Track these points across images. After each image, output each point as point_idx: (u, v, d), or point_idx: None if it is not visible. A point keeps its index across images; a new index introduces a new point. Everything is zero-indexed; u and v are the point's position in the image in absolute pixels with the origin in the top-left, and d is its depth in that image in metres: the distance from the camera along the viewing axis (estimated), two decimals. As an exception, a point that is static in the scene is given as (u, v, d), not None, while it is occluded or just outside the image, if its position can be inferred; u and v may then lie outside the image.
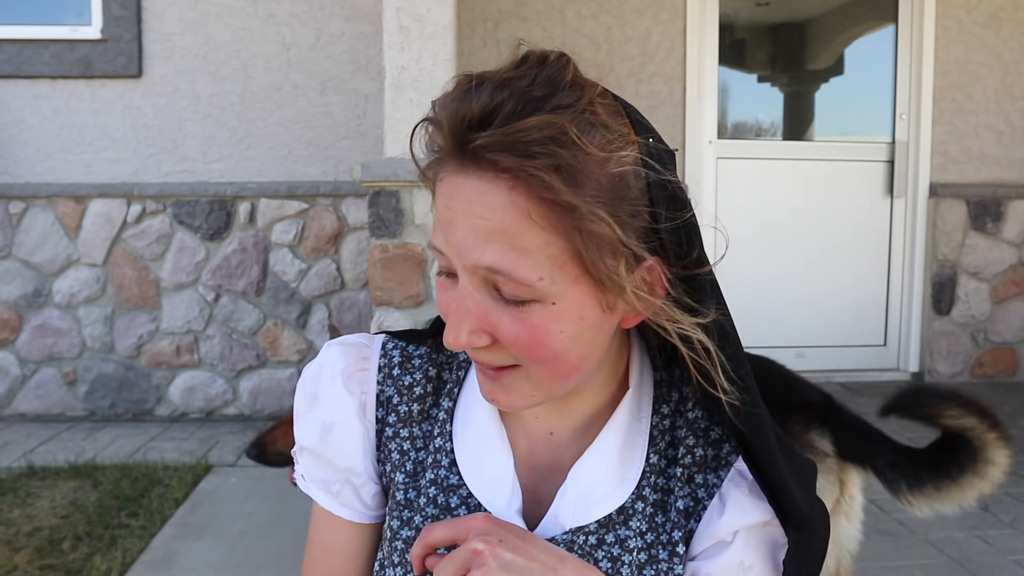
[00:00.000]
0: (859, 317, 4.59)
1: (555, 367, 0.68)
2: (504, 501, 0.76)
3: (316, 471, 0.83)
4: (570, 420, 0.78)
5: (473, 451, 0.78)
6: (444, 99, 0.66)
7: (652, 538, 0.76)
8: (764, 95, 4.85)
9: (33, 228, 3.92)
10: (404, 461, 0.80)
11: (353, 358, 0.83)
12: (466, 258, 0.65)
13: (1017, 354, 4.56)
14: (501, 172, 0.62)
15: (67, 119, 3.92)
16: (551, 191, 0.61)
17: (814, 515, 0.75)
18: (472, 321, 0.66)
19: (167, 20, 3.91)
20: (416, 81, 2.81)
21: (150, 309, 3.97)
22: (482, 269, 0.64)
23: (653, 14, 4.25)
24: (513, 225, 0.63)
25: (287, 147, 3.98)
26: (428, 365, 0.82)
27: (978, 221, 4.46)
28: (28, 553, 2.46)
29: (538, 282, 0.64)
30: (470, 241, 0.64)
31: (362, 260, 3.95)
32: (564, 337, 0.66)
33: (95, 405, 3.98)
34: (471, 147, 0.62)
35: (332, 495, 0.83)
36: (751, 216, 4.48)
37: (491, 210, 0.63)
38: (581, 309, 0.66)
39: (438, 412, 0.81)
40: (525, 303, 0.65)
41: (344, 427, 0.81)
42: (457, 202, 0.64)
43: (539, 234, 0.63)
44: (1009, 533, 2.57)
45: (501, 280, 0.64)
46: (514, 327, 0.65)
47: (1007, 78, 4.47)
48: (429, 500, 0.78)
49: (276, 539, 2.58)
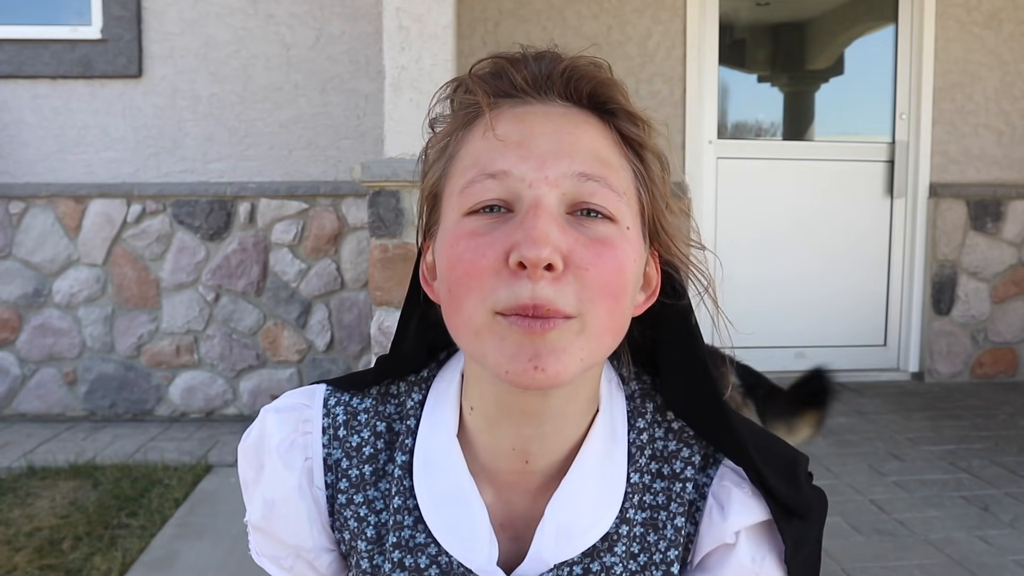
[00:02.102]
0: (859, 317, 4.59)
1: (617, 310, 0.63)
2: (484, 556, 0.71)
3: (265, 547, 0.79)
4: (549, 448, 0.71)
5: (441, 504, 0.72)
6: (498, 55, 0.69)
7: (645, 559, 0.73)
8: (764, 95, 4.85)
9: (33, 228, 3.92)
10: (364, 528, 0.74)
11: (291, 425, 0.76)
12: (552, 167, 0.62)
13: (1017, 354, 4.56)
14: (578, 101, 0.67)
15: (67, 119, 3.92)
16: (623, 118, 0.67)
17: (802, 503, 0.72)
18: (556, 234, 0.59)
19: (167, 20, 3.91)
20: (416, 81, 2.81)
21: (150, 309, 3.97)
22: (571, 177, 0.62)
23: (653, 14, 4.25)
24: (599, 142, 0.65)
25: (287, 147, 3.98)
26: (376, 420, 0.75)
27: (978, 221, 4.46)
28: (28, 553, 2.46)
29: (624, 196, 0.65)
30: (558, 149, 0.63)
31: (362, 260, 3.95)
32: (634, 268, 0.64)
33: (95, 405, 3.98)
34: (558, 70, 0.66)
35: (285, 569, 0.78)
36: (751, 216, 4.48)
37: (577, 125, 0.65)
38: (640, 247, 0.66)
39: (392, 468, 0.74)
40: (607, 221, 0.63)
41: (285, 505, 0.76)
42: (534, 123, 0.65)
43: (617, 157, 0.66)
44: (1009, 533, 2.57)
45: (593, 188, 0.62)
46: (593, 247, 0.61)
47: (1007, 78, 4.47)
48: (395, 565, 0.72)
49: (276, 539, 2.58)
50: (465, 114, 0.68)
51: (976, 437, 3.52)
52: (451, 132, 0.69)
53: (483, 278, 0.61)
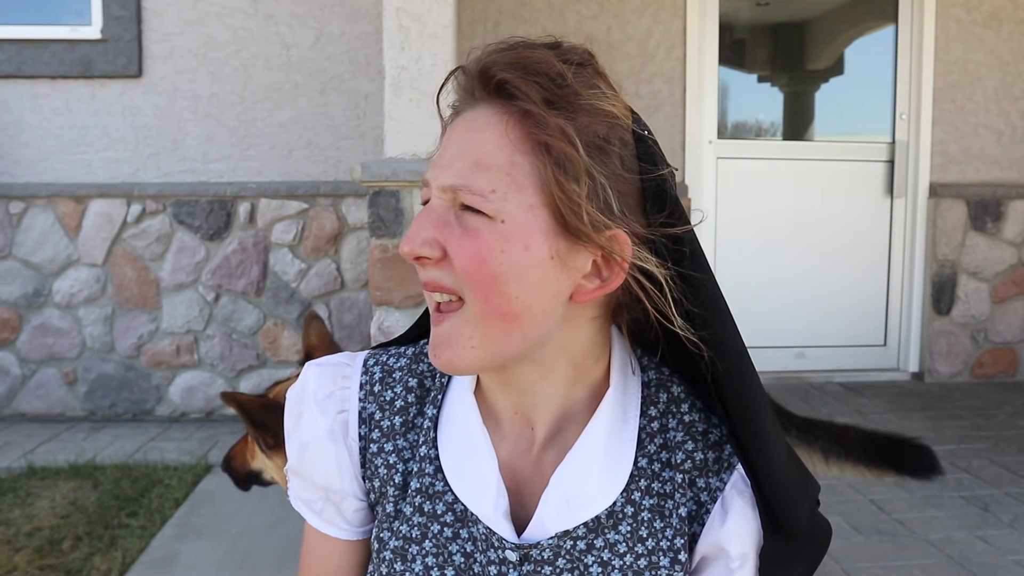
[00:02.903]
0: (859, 317, 4.59)
1: (492, 296, 0.68)
2: (490, 504, 0.76)
3: (301, 490, 0.85)
4: (544, 414, 0.76)
5: (457, 455, 0.78)
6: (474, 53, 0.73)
7: (653, 544, 0.75)
8: (764, 95, 4.85)
9: (33, 228, 3.92)
10: (392, 475, 0.80)
11: (329, 378, 0.83)
12: (439, 179, 0.70)
13: (1017, 354, 4.56)
14: (495, 95, 0.69)
15: (67, 119, 3.92)
16: (531, 105, 0.67)
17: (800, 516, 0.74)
18: (429, 230, 0.69)
19: (167, 20, 3.91)
20: (416, 81, 2.81)
21: (150, 309, 3.97)
22: (448, 188, 0.69)
23: (653, 14, 4.25)
24: (486, 144, 0.68)
25: (287, 147, 3.98)
26: (408, 376, 0.82)
27: (978, 221, 4.46)
28: (28, 553, 2.46)
29: (490, 194, 0.67)
30: (449, 161, 0.70)
31: (362, 260, 3.95)
32: (504, 259, 0.67)
33: (95, 405, 3.98)
34: (480, 67, 0.69)
35: (316, 513, 0.84)
36: (751, 216, 4.48)
37: (475, 131, 0.69)
38: (527, 238, 0.67)
39: (423, 421, 0.80)
40: (478, 217, 0.67)
41: (317, 446, 0.82)
42: (454, 132, 0.71)
43: (508, 154, 0.68)
44: (1009, 533, 2.57)
45: (462, 195, 0.68)
46: (461, 238, 0.68)
47: (1007, 78, 4.47)
48: (415, 509, 0.78)
49: (276, 539, 2.58)
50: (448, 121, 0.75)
51: (976, 437, 3.51)
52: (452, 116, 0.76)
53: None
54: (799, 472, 0.77)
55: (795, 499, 0.74)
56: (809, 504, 0.76)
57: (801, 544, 0.75)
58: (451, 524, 0.77)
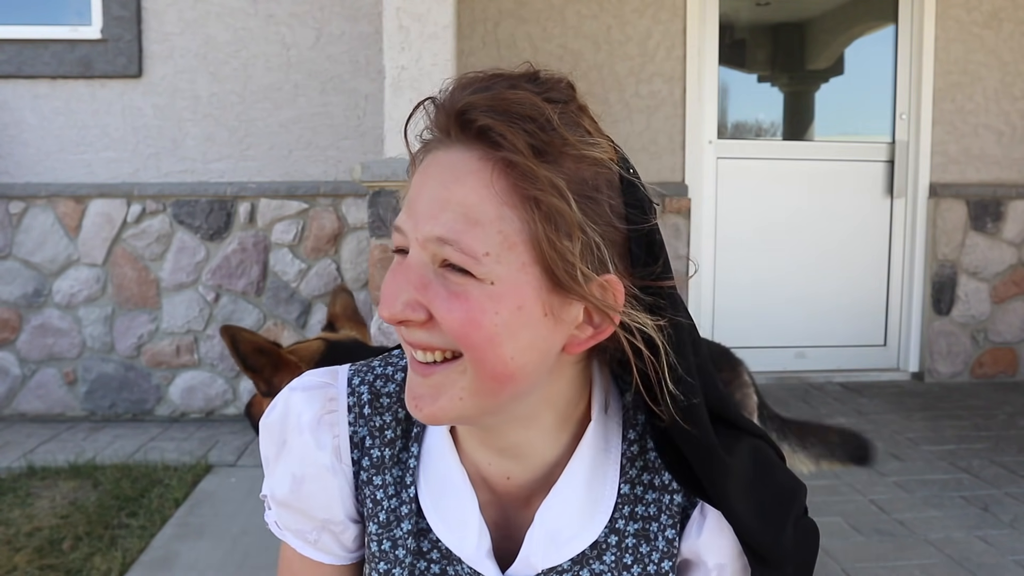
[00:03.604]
0: (859, 317, 4.59)
1: (488, 357, 0.64)
2: (472, 545, 0.74)
3: (291, 521, 0.81)
4: (526, 468, 0.74)
5: (437, 495, 0.76)
6: (448, 84, 0.68)
7: (639, 570, 0.74)
8: (764, 95, 4.85)
9: (33, 228, 3.92)
10: (377, 511, 0.77)
11: (319, 403, 0.78)
12: (420, 229, 0.64)
13: (1017, 354, 4.56)
14: (475, 140, 0.64)
15: (67, 119, 3.92)
16: (517, 155, 0.62)
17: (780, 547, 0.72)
18: (410, 292, 0.64)
19: (167, 20, 3.91)
20: (416, 81, 2.81)
21: (150, 309, 3.97)
22: (432, 241, 0.64)
23: (653, 14, 4.25)
24: (472, 194, 0.63)
25: (287, 147, 3.98)
26: (397, 406, 0.78)
27: (978, 221, 4.46)
28: (28, 553, 2.46)
29: (484, 257, 0.63)
30: (429, 210, 0.64)
31: (362, 260, 3.95)
32: (499, 321, 0.63)
33: (95, 405, 3.98)
34: (457, 108, 0.64)
35: (310, 543, 0.81)
36: (751, 216, 4.48)
37: (456, 177, 0.64)
38: (521, 298, 0.64)
39: (407, 457, 0.77)
40: (464, 277, 0.63)
41: (316, 481, 0.78)
42: (429, 175, 0.66)
43: (496, 207, 0.63)
44: (1009, 533, 2.57)
45: (448, 251, 0.63)
46: (449, 301, 0.64)
47: (1007, 78, 4.47)
48: (407, 551, 0.76)
49: (276, 539, 2.57)
50: (419, 153, 0.70)
51: (976, 437, 3.51)
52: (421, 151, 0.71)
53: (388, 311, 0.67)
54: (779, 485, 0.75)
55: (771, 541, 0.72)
56: (791, 525, 0.74)
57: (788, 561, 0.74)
58: (438, 561, 0.76)
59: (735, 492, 0.71)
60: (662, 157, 4.28)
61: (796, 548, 0.74)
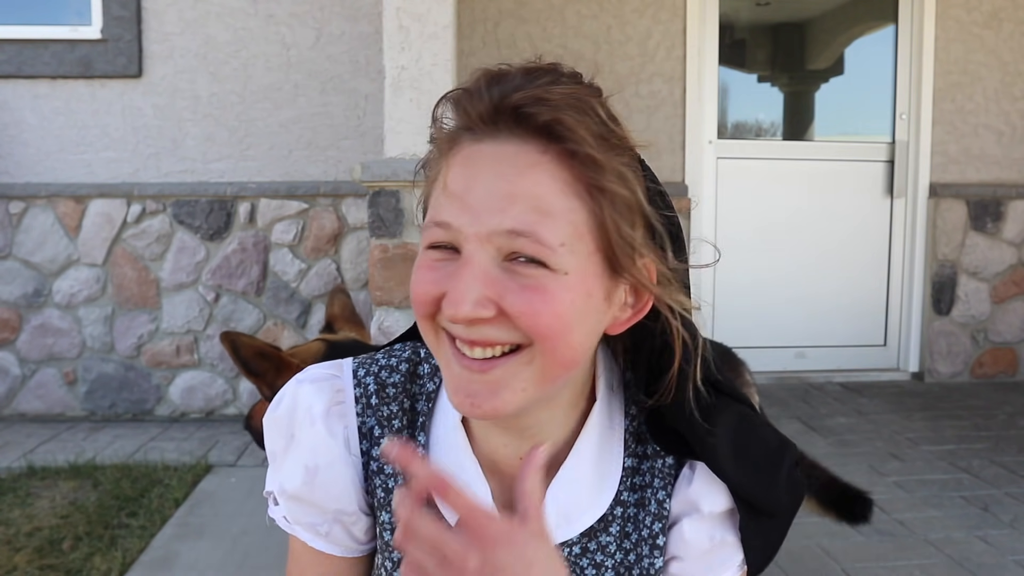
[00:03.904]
0: (859, 317, 4.59)
1: (560, 346, 0.65)
2: None
3: (302, 515, 0.80)
4: (542, 439, 0.75)
5: None
6: (473, 77, 0.68)
7: (636, 537, 0.77)
8: (764, 95, 4.85)
9: (33, 228, 3.92)
10: (389, 499, 0.78)
11: (328, 394, 0.79)
12: (486, 223, 0.63)
13: (1017, 354, 4.56)
14: (533, 133, 0.64)
15: (67, 119, 3.92)
16: (583, 147, 0.63)
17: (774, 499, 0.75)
18: (479, 289, 0.63)
19: (167, 20, 3.91)
20: (416, 81, 2.81)
21: (150, 309, 3.97)
22: (501, 234, 0.63)
23: (653, 14, 4.25)
24: (539, 186, 0.64)
25: (287, 147, 3.98)
26: (403, 396, 0.79)
27: (978, 221, 4.46)
28: (28, 553, 2.46)
29: (559, 247, 0.63)
30: (492, 204, 0.63)
31: (362, 260, 3.95)
32: (574, 310, 0.64)
33: (95, 405, 3.98)
34: (508, 103, 0.64)
35: (321, 536, 0.80)
36: (751, 216, 4.48)
37: (519, 170, 0.64)
38: (589, 286, 0.65)
39: (415, 447, 0.78)
40: (537, 269, 0.63)
41: (330, 471, 0.78)
42: (480, 167, 0.65)
43: (564, 199, 0.64)
44: (1009, 533, 2.57)
45: (522, 243, 0.63)
46: (523, 294, 0.63)
47: (1007, 78, 4.47)
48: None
49: (276, 539, 2.57)
50: (447, 141, 0.69)
51: (976, 437, 3.51)
52: (437, 157, 0.71)
53: (428, 308, 0.67)
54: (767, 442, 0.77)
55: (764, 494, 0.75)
56: (784, 479, 0.76)
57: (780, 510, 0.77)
58: None
59: (724, 452, 0.74)
60: (662, 157, 4.28)
61: (788, 498, 0.77)
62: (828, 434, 3.52)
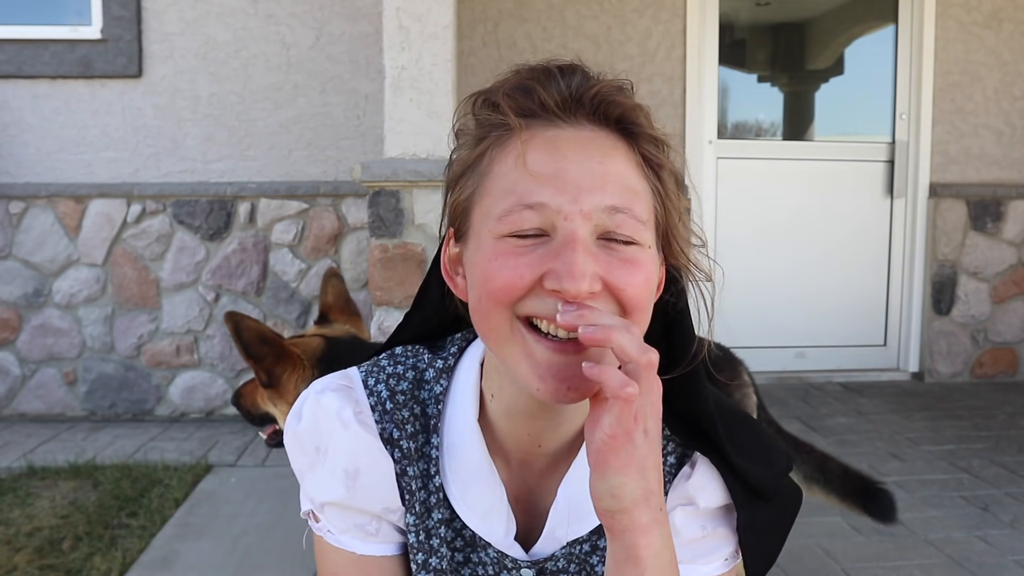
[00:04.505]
0: (859, 317, 4.59)
1: (644, 317, 0.70)
2: (502, 531, 0.77)
3: (346, 520, 0.79)
4: (559, 433, 0.77)
5: (464, 485, 0.77)
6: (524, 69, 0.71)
7: None
8: (764, 95, 4.85)
9: (33, 228, 3.92)
10: (413, 502, 0.79)
11: (348, 399, 0.79)
12: (586, 200, 0.66)
13: (1017, 354, 4.56)
14: (606, 123, 0.69)
15: (67, 119, 3.92)
16: (647, 138, 0.70)
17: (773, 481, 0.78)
18: (591, 265, 0.65)
19: (167, 20, 3.91)
20: (416, 81, 2.81)
21: (150, 309, 3.97)
22: (602, 211, 0.66)
23: (653, 14, 4.25)
24: (625, 168, 0.69)
25: (287, 147, 3.98)
26: (412, 402, 0.80)
27: (978, 221, 4.46)
28: (28, 553, 2.46)
29: (647, 221, 0.69)
30: (591, 182, 0.66)
31: (362, 260, 3.94)
32: (654, 281, 0.70)
33: (95, 405, 3.98)
34: (590, 94, 0.69)
35: (372, 535, 0.80)
36: (751, 216, 4.48)
37: (605, 153, 0.68)
38: (656, 260, 0.71)
39: (430, 449, 0.79)
40: (629, 245, 0.67)
41: (372, 471, 0.78)
42: (566, 150, 0.67)
43: (642, 180, 0.70)
44: (1009, 533, 2.57)
45: (621, 219, 0.66)
46: (626, 268, 0.66)
47: (1007, 78, 4.47)
48: (442, 540, 0.78)
49: (276, 539, 2.58)
50: (497, 134, 0.70)
51: (976, 437, 3.51)
52: (484, 150, 0.71)
53: (515, 294, 0.66)
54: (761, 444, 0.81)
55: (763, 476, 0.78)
56: (775, 473, 0.80)
57: (772, 511, 0.79)
58: (461, 549, 0.79)
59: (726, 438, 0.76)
60: (662, 157, 4.28)
61: (781, 498, 0.80)
62: (828, 434, 3.52)
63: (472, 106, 0.73)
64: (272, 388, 1.62)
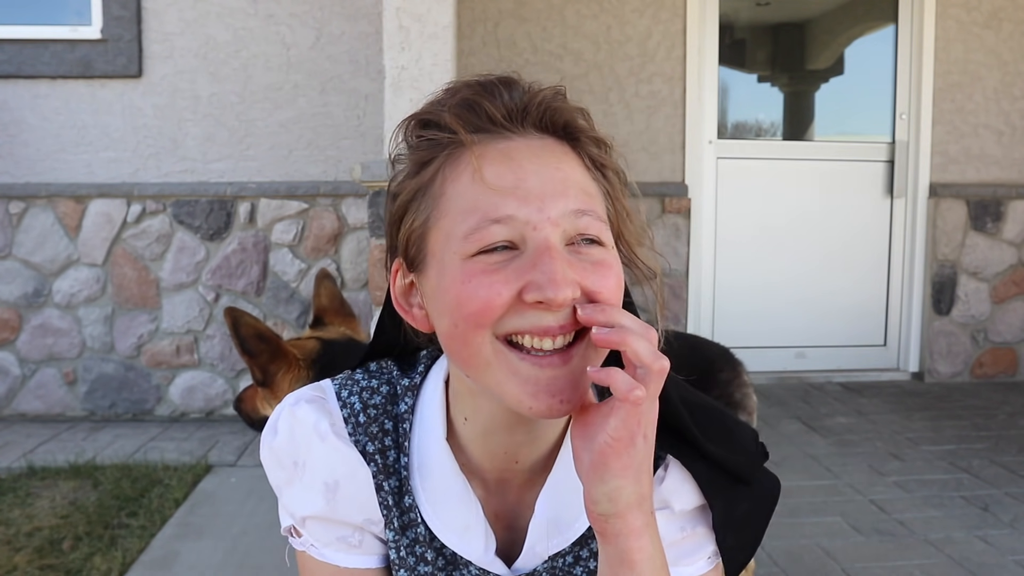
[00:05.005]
0: (859, 317, 4.59)
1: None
2: (481, 548, 0.76)
3: (328, 533, 0.79)
4: (535, 448, 0.76)
5: (437, 504, 0.76)
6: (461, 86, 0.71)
7: None
8: (764, 95, 4.85)
9: (33, 228, 3.92)
10: (391, 517, 0.77)
11: (326, 415, 0.78)
12: (552, 208, 0.66)
13: (1017, 354, 4.56)
14: (551, 131, 0.70)
15: (67, 119, 3.92)
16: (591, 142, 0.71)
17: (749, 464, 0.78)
18: (568, 272, 0.64)
19: (167, 20, 3.91)
20: (416, 81, 2.81)
21: (150, 309, 3.97)
22: (569, 215, 0.66)
23: (653, 14, 4.25)
24: (578, 172, 0.70)
25: (287, 147, 3.98)
26: (384, 417, 0.78)
27: (978, 221, 4.46)
28: (28, 553, 2.46)
29: (607, 224, 0.70)
30: (553, 188, 0.67)
31: (362, 260, 3.94)
32: (623, 284, 0.70)
33: (95, 405, 3.98)
34: (535, 104, 0.69)
35: (355, 547, 0.79)
36: (751, 216, 4.48)
37: (559, 159, 0.69)
38: (617, 259, 0.71)
39: (399, 467, 0.78)
40: (595, 247, 0.68)
41: (351, 482, 0.77)
42: (522, 160, 0.67)
43: (592, 183, 0.71)
44: (1009, 533, 2.57)
45: (587, 221, 0.67)
46: (598, 272, 0.66)
47: (1007, 78, 4.47)
48: (419, 559, 0.77)
49: (276, 539, 2.58)
50: (447, 153, 0.69)
51: (976, 437, 3.51)
52: (434, 172, 0.69)
53: (495, 313, 0.64)
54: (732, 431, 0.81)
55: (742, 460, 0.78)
56: (749, 457, 0.79)
57: (751, 496, 0.78)
58: (443, 568, 0.78)
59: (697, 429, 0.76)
60: (662, 157, 4.28)
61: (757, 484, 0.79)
62: (828, 434, 3.52)
63: (404, 132, 0.73)
64: (267, 387, 1.62)
